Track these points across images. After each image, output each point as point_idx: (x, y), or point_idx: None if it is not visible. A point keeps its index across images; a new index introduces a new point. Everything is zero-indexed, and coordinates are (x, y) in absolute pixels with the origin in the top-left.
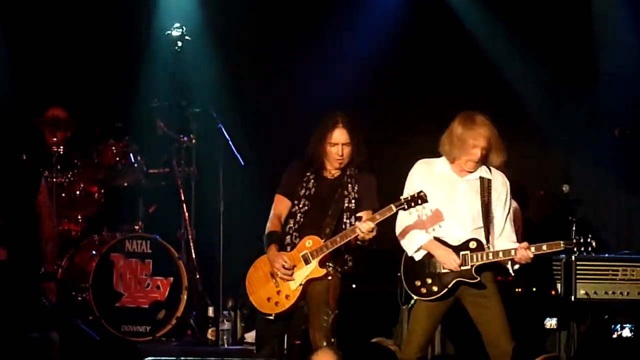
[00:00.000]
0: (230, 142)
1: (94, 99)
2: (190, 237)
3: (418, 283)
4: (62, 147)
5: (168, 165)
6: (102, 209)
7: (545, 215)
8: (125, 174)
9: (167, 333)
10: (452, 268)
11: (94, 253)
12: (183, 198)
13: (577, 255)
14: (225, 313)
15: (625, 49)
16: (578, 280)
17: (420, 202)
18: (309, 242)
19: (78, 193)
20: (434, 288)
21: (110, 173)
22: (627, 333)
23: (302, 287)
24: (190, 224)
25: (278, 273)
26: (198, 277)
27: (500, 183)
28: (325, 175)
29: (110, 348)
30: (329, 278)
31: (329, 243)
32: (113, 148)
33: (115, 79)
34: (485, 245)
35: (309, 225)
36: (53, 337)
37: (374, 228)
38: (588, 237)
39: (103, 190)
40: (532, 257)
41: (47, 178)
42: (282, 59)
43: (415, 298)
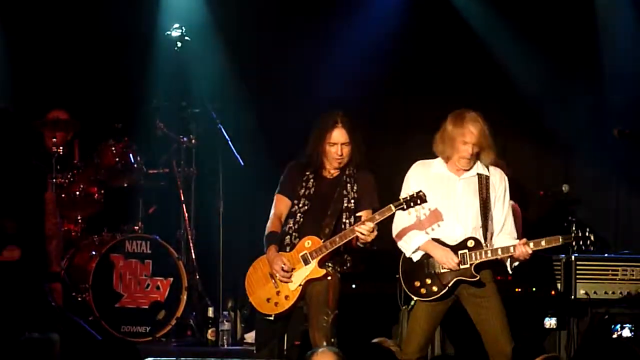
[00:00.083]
0: (230, 142)
1: (94, 100)
2: (190, 237)
3: (417, 284)
4: (62, 147)
5: (168, 166)
6: (102, 210)
7: (545, 216)
8: (125, 174)
9: (167, 333)
10: (451, 267)
11: (94, 253)
12: (183, 198)
13: (577, 255)
14: (225, 313)
15: (626, 49)
16: (578, 280)
17: (420, 202)
18: (308, 242)
19: (78, 193)
20: (434, 288)
21: (110, 173)
22: (627, 333)
23: (301, 287)
24: (190, 224)
25: (277, 275)
26: (198, 277)
27: (499, 179)
28: (325, 175)
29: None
30: (329, 278)
31: (329, 243)
32: (113, 148)
33: (115, 79)
34: (484, 243)
35: (309, 226)
36: (53, 337)
37: (375, 228)
38: (586, 231)
39: (103, 191)
40: (530, 253)
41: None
42: (282, 59)
43: (415, 299)
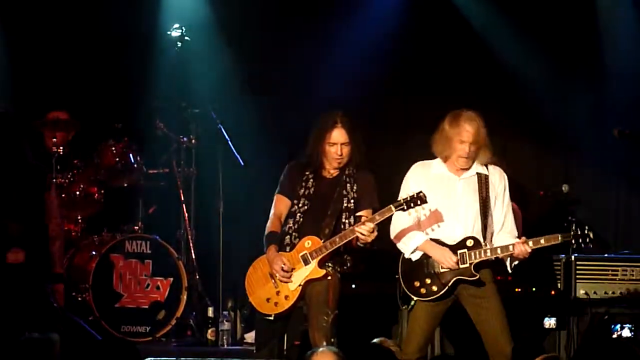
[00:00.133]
0: (230, 142)
1: (94, 100)
2: (190, 237)
3: (417, 284)
4: (62, 147)
5: (168, 166)
6: (102, 210)
7: (545, 216)
8: (125, 174)
9: (167, 333)
10: (450, 266)
11: (94, 253)
12: (183, 198)
13: (577, 255)
14: (225, 313)
15: (627, 50)
16: (578, 280)
17: (420, 202)
18: (308, 242)
19: (78, 194)
20: (434, 288)
21: (110, 173)
22: (626, 333)
23: (301, 287)
24: (190, 225)
25: (277, 275)
26: (198, 277)
27: (498, 177)
28: (324, 175)
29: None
30: (329, 278)
31: (328, 244)
32: (113, 148)
33: (115, 79)
34: (483, 242)
35: (308, 226)
36: (53, 337)
37: (375, 228)
38: (585, 229)
39: (103, 191)
40: (530, 251)
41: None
42: (281, 59)
43: (415, 299)
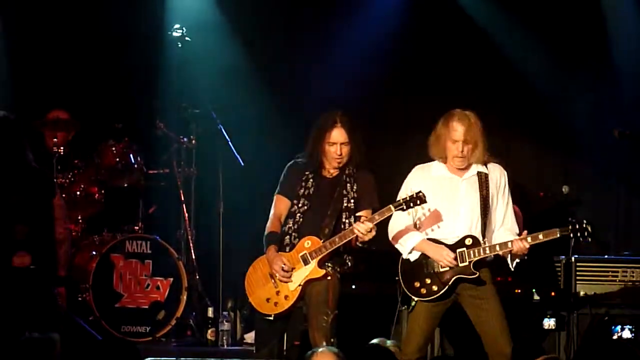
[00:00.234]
0: (230, 142)
1: (94, 100)
2: (190, 237)
3: (417, 284)
4: (62, 147)
5: (168, 166)
6: (102, 210)
7: (545, 217)
8: (125, 174)
9: (167, 333)
10: (447, 263)
11: (94, 253)
12: (183, 198)
13: (577, 256)
14: (225, 314)
15: (628, 50)
16: (578, 281)
17: (419, 202)
18: (308, 242)
19: (78, 194)
20: (434, 287)
21: (111, 173)
22: (627, 334)
23: (301, 287)
24: (190, 225)
25: (277, 275)
26: (198, 277)
27: (498, 174)
28: (324, 175)
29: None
30: (328, 278)
31: (328, 244)
32: (113, 148)
33: (115, 79)
34: (482, 241)
35: (308, 226)
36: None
37: (373, 228)
38: (584, 223)
39: (103, 191)
40: (528, 247)
41: None
42: (281, 59)
43: (416, 299)
